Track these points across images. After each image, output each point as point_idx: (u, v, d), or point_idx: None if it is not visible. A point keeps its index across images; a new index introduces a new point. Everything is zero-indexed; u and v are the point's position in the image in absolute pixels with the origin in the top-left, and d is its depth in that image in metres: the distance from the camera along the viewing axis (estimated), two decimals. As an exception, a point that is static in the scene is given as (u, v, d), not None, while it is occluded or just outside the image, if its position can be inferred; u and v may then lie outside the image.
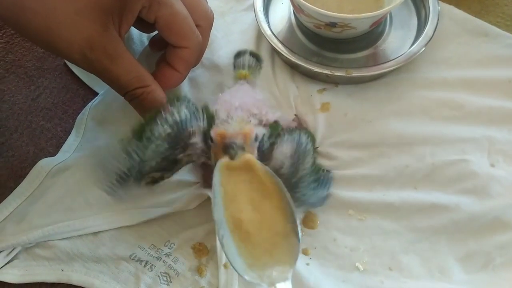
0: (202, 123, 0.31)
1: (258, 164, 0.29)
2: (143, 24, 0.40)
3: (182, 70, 0.36)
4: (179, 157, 0.31)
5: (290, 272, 0.27)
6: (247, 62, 0.40)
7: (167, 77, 0.36)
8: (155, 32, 0.41)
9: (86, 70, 0.33)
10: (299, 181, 0.32)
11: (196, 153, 0.31)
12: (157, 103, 0.34)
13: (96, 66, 0.32)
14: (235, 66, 0.41)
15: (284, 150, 0.31)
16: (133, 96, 0.34)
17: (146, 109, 0.34)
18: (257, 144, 0.30)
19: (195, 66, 0.38)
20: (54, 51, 0.32)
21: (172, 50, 0.36)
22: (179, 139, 0.30)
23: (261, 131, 0.31)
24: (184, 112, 0.31)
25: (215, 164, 0.29)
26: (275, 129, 0.33)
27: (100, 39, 0.31)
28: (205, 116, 0.32)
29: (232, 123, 0.31)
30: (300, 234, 0.28)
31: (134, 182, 0.31)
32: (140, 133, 0.30)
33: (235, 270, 0.27)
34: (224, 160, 0.29)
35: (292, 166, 0.31)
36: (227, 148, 0.29)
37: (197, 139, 0.31)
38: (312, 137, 0.35)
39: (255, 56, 0.42)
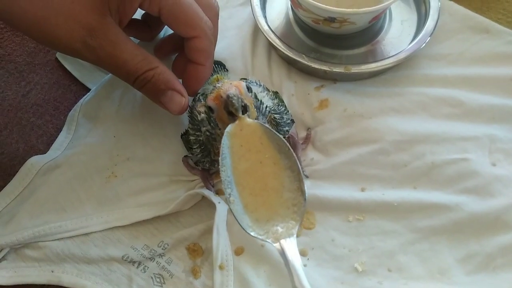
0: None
1: (262, 126, 0.30)
2: (143, 29, 0.39)
3: (203, 61, 0.35)
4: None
5: (296, 229, 0.28)
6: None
7: (193, 74, 0.35)
8: (157, 41, 0.40)
9: (89, 61, 0.32)
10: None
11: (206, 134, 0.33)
12: (170, 85, 0.33)
13: (100, 54, 0.31)
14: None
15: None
16: (144, 80, 0.32)
17: (160, 93, 0.33)
18: (251, 95, 0.31)
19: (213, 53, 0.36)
20: (52, 41, 0.31)
21: (186, 44, 0.35)
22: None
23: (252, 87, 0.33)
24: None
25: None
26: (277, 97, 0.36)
27: (99, 26, 0.30)
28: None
29: (221, 84, 0.31)
30: (306, 192, 0.29)
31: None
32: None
33: (241, 226, 0.28)
34: (232, 125, 0.30)
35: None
36: (228, 103, 0.29)
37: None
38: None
39: (215, 63, 0.40)
